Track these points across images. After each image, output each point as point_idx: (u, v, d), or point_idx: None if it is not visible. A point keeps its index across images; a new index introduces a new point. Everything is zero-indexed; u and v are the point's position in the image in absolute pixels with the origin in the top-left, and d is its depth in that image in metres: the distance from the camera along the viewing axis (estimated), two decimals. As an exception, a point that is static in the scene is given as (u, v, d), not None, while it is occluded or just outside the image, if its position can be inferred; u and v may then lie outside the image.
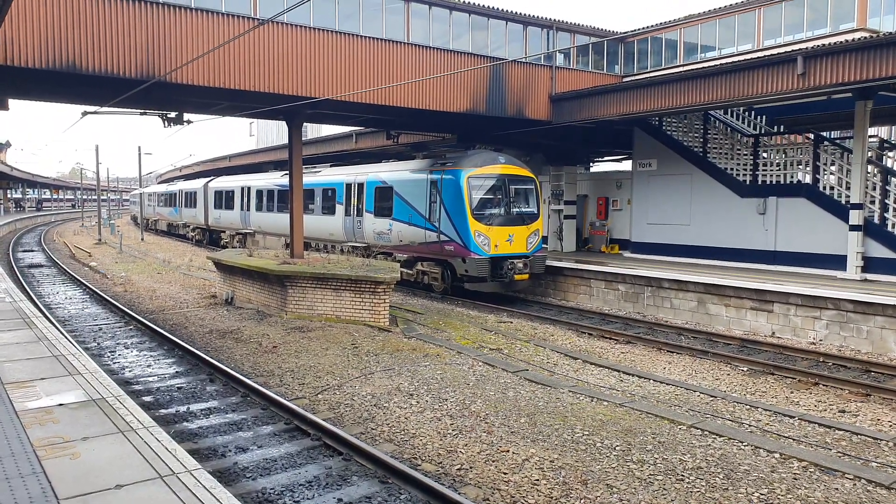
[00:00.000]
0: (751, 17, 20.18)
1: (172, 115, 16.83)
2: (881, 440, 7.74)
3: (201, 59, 13.40)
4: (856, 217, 15.16)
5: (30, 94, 16.43)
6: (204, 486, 4.01)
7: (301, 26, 15.02)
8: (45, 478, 4.04)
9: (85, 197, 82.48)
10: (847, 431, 8.03)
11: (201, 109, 17.94)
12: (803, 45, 15.97)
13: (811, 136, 17.74)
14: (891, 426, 8.44)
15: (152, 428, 5.02)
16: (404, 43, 16.83)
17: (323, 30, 15.37)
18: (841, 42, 13.76)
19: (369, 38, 16.13)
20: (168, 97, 15.79)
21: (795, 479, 6.47)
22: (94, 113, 16.55)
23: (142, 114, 17.03)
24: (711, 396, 9.49)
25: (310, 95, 15.11)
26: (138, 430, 4.95)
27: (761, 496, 6.07)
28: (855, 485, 6.35)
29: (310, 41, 15.17)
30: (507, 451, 7.07)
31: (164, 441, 4.75)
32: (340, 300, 14.42)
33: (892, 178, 15.24)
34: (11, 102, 17.09)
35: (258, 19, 14.25)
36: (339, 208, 22.20)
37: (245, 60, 14.25)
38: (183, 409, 8.53)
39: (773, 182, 17.69)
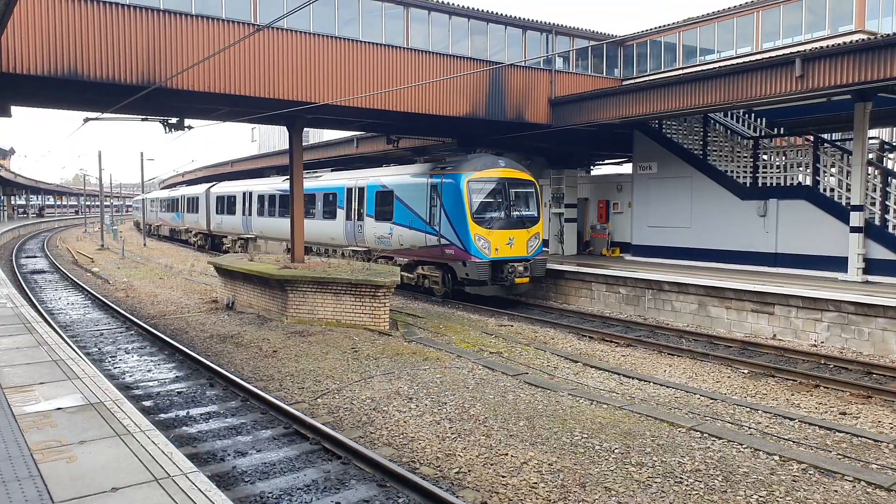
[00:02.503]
0: (749, 20, 20.21)
1: (173, 120, 16.89)
2: (881, 442, 7.72)
3: (202, 64, 13.46)
4: (856, 219, 15.14)
5: (32, 100, 16.53)
6: (199, 489, 4.02)
7: (301, 32, 15.08)
8: (42, 481, 4.05)
9: (88, 203, 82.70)
10: (847, 433, 8.01)
11: (202, 115, 18.01)
12: (802, 48, 15.98)
13: (811, 137, 17.74)
14: (891, 428, 8.41)
15: (150, 431, 5.03)
16: (404, 48, 16.89)
17: (323, 35, 15.43)
18: (839, 44, 13.78)
19: (369, 43, 16.20)
20: (169, 103, 15.87)
21: (795, 481, 6.45)
22: (96, 119, 16.63)
23: (143, 120, 17.11)
24: (711, 399, 9.48)
25: (310, 101, 15.17)
26: (136, 433, 4.97)
27: (760, 498, 6.05)
28: (854, 487, 6.33)
29: (310, 47, 15.24)
30: (506, 454, 7.06)
31: (160, 444, 4.76)
32: (341, 304, 14.44)
33: (893, 180, 15.22)
34: (14, 109, 17.18)
35: (258, 25, 14.32)
36: (340, 213, 22.25)
37: (245, 66, 14.31)
38: (183, 413, 8.54)
39: (774, 184, 17.68)
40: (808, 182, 16.98)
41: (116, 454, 4.54)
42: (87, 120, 16.89)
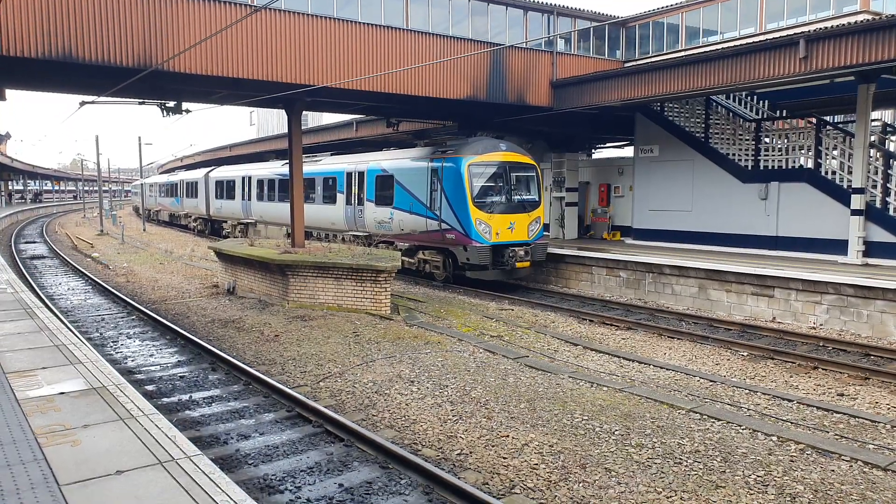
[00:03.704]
0: (753, 1, 19.99)
1: (171, 104, 16.79)
2: (879, 423, 7.78)
3: (199, 47, 13.35)
4: (857, 201, 15.11)
5: (27, 84, 16.40)
6: (203, 472, 4.05)
7: (299, 13, 14.94)
8: (47, 464, 4.09)
9: (86, 188, 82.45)
10: (845, 414, 8.06)
11: (200, 98, 17.89)
12: (806, 29, 15.83)
13: (813, 120, 17.65)
14: (889, 409, 8.47)
15: (153, 415, 5.06)
16: (403, 29, 16.73)
17: (321, 16, 15.28)
18: (843, 25, 13.65)
19: (368, 24, 16.04)
20: (166, 86, 15.75)
21: (792, 461, 6.50)
22: (92, 102, 16.52)
23: (140, 103, 17.00)
24: (711, 381, 9.53)
25: (308, 83, 15.06)
26: (139, 417, 5.00)
27: (758, 478, 6.11)
28: (851, 466, 6.38)
29: (308, 28, 15.10)
30: (507, 436, 7.11)
31: (164, 428, 4.79)
32: (342, 289, 14.45)
33: (895, 162, 15.17)
34: (9, 93, 17.07)
35: (255, 6, 14.18)
36: (340, 197, 22.20)
37: (243, 48, 14.20)
38: (185, 397, 8.59)
39: (775, 167, 17.63)
40: (810, 165, 16.92)
41: (120, 438, 4.57)
42: (83, 103, 16.77)
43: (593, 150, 30.10)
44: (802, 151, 17.36)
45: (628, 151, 26.38)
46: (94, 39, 12.66)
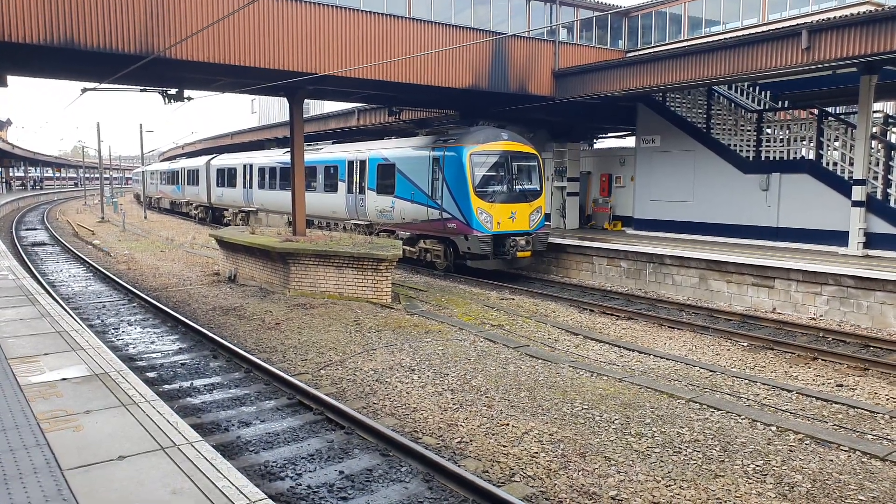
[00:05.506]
0: (757, -10, 19.87)
1: (173, 91, 16.73)
2: (877, 413, 7.81)
3: (200, 34, 13.28)
4: (858, 193, 15.10)
5: (28, 70, 16.32)
6: (205, 458, 4.07)
7: (301, 0, 14.85)
8: (49, 449, 4.11)
9: (87, 175, 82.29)
10: (844, 405, 8.09)
11: (202, 86, 17.82)
12: (809, 19, 15.74)
13: (815, 111, 17.59)
14: (888, 399, 8.50)
15: (154, 402, 5.08)
16: (406, 18, 16.64)
17: (323, 4, 15.19)
18: (846, 16, 13.57)
19: (370, 12, 15.95)
20: (168, 73, 15.68)
21: (791, 451, 6.54)
22: (94, 89, 16.46)
23: (142, 90, 16.94)
24: (711, 371, 9.56)
25: (310, 71, 15.00)
26: (140, 403, 5.02)
27: (757, 467, 6.14)
28: (850, 456, 6.42)
29: (310, 16, 15.01)
30: (507, 424, 7.15)
31: (166, 414, 4.82)
32: (343, 277, 14.47)
33: (897, 154, 15.13)
34: (10, 79, 17.00)
35: (257, -6, 14.09)
36: (342, 186, 22.17)
37: (245, 36, 14.12)
38: (186, 384, 8.62)
39: (777, 158, 17.59)
40: (811, 156, 16.89)
41: (122, 423, 4.59)
42: (84, 90, 16.71)
43: (595, 140, 30.02)
44: (804, 142, 17.32)
45: (630, 141, 26.29)
46: (95, 26, 12.59)
